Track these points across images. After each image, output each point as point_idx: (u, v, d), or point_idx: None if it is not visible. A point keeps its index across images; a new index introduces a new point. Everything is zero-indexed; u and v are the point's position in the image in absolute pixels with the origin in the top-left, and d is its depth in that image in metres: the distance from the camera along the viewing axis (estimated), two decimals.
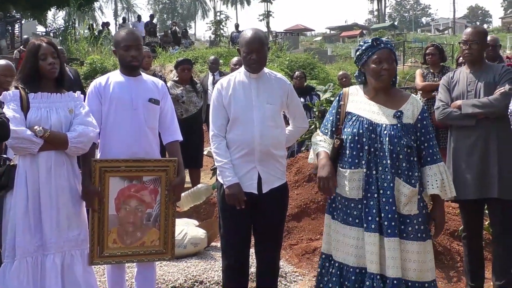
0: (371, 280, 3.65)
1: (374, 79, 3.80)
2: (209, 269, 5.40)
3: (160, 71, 16.57)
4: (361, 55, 3.87)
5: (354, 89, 4.00)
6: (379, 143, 3.71)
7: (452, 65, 18.50)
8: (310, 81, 16.41)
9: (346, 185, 3.78)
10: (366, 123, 3.75)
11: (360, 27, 68.54)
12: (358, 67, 3.94)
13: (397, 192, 3.67)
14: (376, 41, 3.82)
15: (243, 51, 4.15)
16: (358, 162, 3.75)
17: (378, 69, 3.75)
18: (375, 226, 3.66)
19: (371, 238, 3.66)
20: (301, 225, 6.63)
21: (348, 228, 3.78)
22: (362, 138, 3.75)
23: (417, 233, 3.68)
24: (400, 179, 3.68)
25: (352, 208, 3.77)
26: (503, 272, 4.72)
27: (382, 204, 3.67)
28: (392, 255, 3.62)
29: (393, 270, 3.61)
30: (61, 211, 3.87)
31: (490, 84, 4.65)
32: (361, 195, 3.74)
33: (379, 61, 3.76)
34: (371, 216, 3.68)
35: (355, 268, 3.74)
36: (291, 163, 7.48)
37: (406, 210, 3.68)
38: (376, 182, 3.70)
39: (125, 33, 4.25)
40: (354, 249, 3.74)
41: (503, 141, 4.63)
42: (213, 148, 4.19)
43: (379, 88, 3.84)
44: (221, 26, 40.17)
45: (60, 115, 3.89)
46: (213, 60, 11.06)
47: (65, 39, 22.46)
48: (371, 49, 3.81)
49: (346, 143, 3.81)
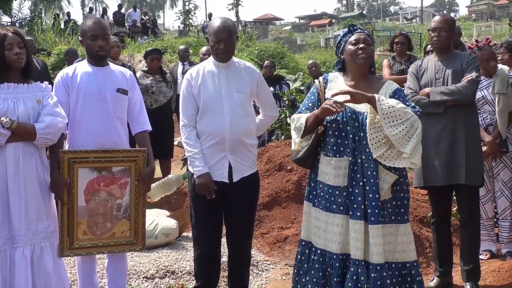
0: (356, 266, 3.69)
1: (352, 61, 3.83)
2: (180, 259, 5.40)
3: (129, 61, 16.47)
4: (339, 42, 3.94)
5: (333, 75, 4.01)
6: (363, 132, 3.74)
7: (420, 54, 18.67)
8: (279, 71, 16.42)
9: (331, 172, 3.79)
10: (349, 111, 3.77)
11: (329, 16, 68.61)
12: (338, 56, 3.98)
13: (380, 180, 3.72)
14: (353, 27, 3.92)
15: (211, 40, 4.14)
16: (343, 150, 3.77)
17: (355, 49, 3.80)
18: (360, 214, 3.70)
19: (357, 226, 3.69)
20: (272, 214, 6.65)
21: (332, 215, 3.79)
22: (346, 126, 3.77)
23: (391, 216, 3.75)
24: (383, 167, 3.73)
25: (337, 195, 3.78)
26: (470, 257, 4.80)
27: (366, 192, 3.71)
28: (376, 242, 3.67)
29: (377, 256, 3.67)
30: (30, 203, 3.82)
31: (458, 71, 4.69)
32: (346, 182, 3.76)
33: (356, 42, 3.81)
34: (357, 204, 3.72)
35: (338, 255, 3.76)
36: (262, 152, 7.49)
37: (383, 196, 3.72)
38: (361, 170, 3.74)
39: (92, 23, 4.19)
40: (338, 236, 3.76)
41: (470, 128, 4.69)
42: (183, 138, 4.18)
43: (359, 71, 3.86)
44: (190, 15, 39.95)
45: (28, 106, 3.82)
46: (183, 49, 11.04)
47: (31, 29, 22.14)
48: (348, 34, 3.89)
49: (329, 131, 3.82)
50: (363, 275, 3.67)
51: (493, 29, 37.14)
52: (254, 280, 5.28)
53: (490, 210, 5.80)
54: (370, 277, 3.67)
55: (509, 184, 5.69)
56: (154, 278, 5.03)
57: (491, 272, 5.12)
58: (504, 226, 5.75)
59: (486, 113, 5.57)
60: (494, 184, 5.77)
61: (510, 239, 5.75)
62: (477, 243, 4.92)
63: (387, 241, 3.73)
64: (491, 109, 5.56)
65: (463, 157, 4.61)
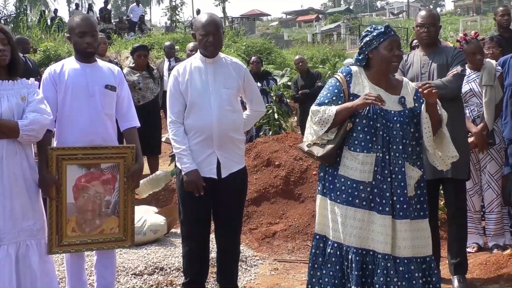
0: (385, 260, 3.72)
1: (385, 66, 3.86)
2: (169, 255, 5.40)
3: (116, 58, 16.39)
4: (371, 40, 3.90)
5: (356, 70, 3.99)
6: (391, 129, 3.79)
7: (406, 49, 18.72)
8: (267, 66, 16.43)
9: (357, 168, 3.80)
10: (378, 108, 3.79)
11: (316, 12, 68.73)
12: (365, 52, 3.94)
13: (406, 176, 3.79)
14: (388, 29, 3.91)
15: (199, 34, 4.15)
16: (371, 147, 3.79)
17: (390, 56, 3.83)
18: (389, 209, 3.75)
19: (386, 221, 3.73)
20: (261, 210, 6.67)
21: (354, 209, 3.80)
22: (376, 123, 3.80)
23: (420, 212, 3.84)
24: (409, 163, 3.81)
25: (361, 190, 3.79)
26: (458, 250, 4.83)
27: (394, 188, 3.77)
28: (404, 236, 3.74)
29: (405, 250, 3.74)
30: (15, 201, 3.77)
31: (443, 66, 4.71)
32: (371, 178, 3.79)
33: (391, 48, 3.83)
34: (385, 199, 3.76)
35: (358, 249, 3.78)
36: (250, 148, 7.50)
37: (410, 192, 3.79)
38: (389, 166, 3.78)
39: (80, 19, 4.16)
40: (358, 230, 3.78)
41: (456, 122, 4.71)
42: (171, 134, 4.18)
43: (385, 73, 3.91)
44: (177, 11, 39.78)
45: (12, 103, 3.76)
46: (169, 45, 11.00)
47: (17, 26, 21.96)
48: (382, 36, 3.86)
49: (357, 126, 3.83)
50: (392, 269, 3.72)
51: (479, 24, 37.26)
52: (243, 275, 5.29)
53: (477, 203, 5.85)
54: (398, 270, 3.73)
55: (496, 177, 5.74)
56: (142, 274, 5.03)
57: (479, 265, 5.15)
58: (491, 219, 5.79)
59: (474, 105, 5.64)
60: (481, 177, 5.81)
61: (497, 231, 5.79)
62: (464, 237, 4.95)
63: (415, 236, 3.79)
64: (479, 102, 5.62)
65: None
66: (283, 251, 6.00)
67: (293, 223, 6.36)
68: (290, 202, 6.78)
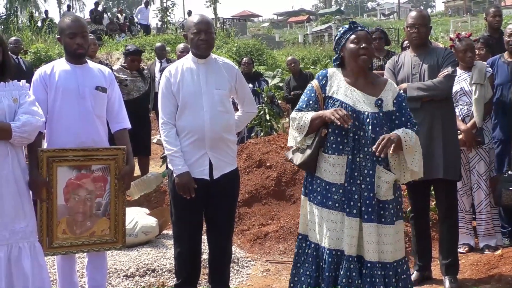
0: (349, 262, 3.74)
1: (353, 60, 3.85)
2: (161, 257, 5.39)
3: (107, 59, 16.33)
4: (339, 39, 3.94)
5: (332, 72, 4.00)
6: (362, 131, 3.78)
7: (398, 49, 18.75)
8: (258, 67, 16.44)
9: (328, 169, 3.82)
10: (350, 110, 3.79)
11: (307, 13, 68.86)
12: (337, 52, 3.98)
13: (378, 179, 3.77)
14: (354, 24, 3.92)
15: (190, 33, 4.14)
16: (342, 148, 3.80)
17: (357, 48, 3.82)
18: (356, 211, 3.76)
19: (352, 223, 3.75)
20: (252, 211, 6.67)
21: (327, 211, 3.83)
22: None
23: (392, 217, 3.81)
24: (381, 166, 3.78)
25: (333, 192, 3.81)
26: (449, 251, 4.84)
27: (362, 191, 3.76)
28: (369, 240, 3.74)
29: (371, 254, 3.75)
30: (6, 203, 3.74)
31: (434, 66, 4.73)
32: (343, 180, 3.79)
33: (358, 41, 3.83)
34: (353, 202, 3.77)
35: (331, 250, 3.80)
36: (242, 149, 7.49)
37: (384, 196, 3.78)
38: (359, 168, 3.78)
39: (70, 20, 4.15)
40: (332, 232, 3.80)
41: (447, 122, 4.73)
42: (163, 136, 4.17)
43: (359, 70, 3.89)
44: (168, 13, 39.72)
45: (4, 104, 3.73)
46: (160, 47, 10.98)
47: (7, 27, 21.88)
48: (348, 32, 3.89)
49: (329, 129, 3.84)
50: (355, 271, 3.74)
51: (469, 24, 37.40)
52: (235, 277, 5.29)
53: (468, 203, 5.86)
54: (362, 273, 3.75)
55: (485, 177, 5.76)
56: (134, 276, 5.02)
57: (470, 265, 5.17)
58: (481, 219, 5.80)
59: (464, 104, 5.68)
60: (471, 177, 5.83)
61: (487, 232, 5.80)
62: (455, 237, 4.96)
63: (383, 241, 3.78)
64: (469, 101, 5.66)
65: (440, 152, 4.65)
66: (275, 252, 5.99)
67: (285, 224, 6.35)
68: (281, 203, 6.78)
